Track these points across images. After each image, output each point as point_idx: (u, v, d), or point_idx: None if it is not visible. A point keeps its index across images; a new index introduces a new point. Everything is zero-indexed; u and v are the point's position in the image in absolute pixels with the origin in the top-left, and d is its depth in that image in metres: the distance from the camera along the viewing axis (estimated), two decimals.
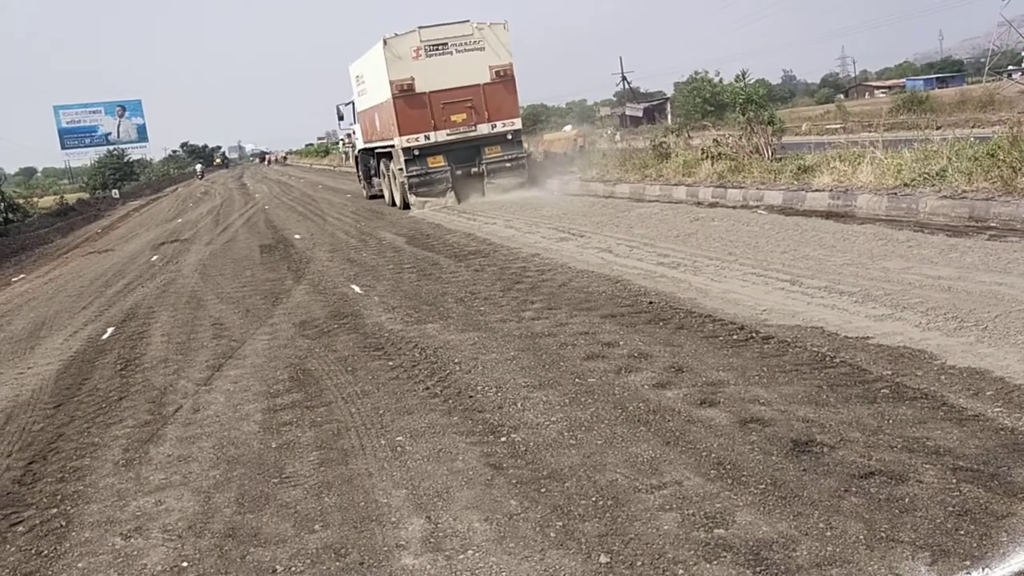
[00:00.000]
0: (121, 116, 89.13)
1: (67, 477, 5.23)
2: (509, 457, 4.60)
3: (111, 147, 76.21)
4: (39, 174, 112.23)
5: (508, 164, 20.16)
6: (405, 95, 19.29)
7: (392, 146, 20.50)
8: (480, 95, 19.61)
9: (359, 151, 27.43)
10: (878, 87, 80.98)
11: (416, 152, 19.56)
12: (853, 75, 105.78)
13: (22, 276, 18.62)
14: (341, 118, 28.69)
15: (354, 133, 28.11)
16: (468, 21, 19.69)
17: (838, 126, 29.98)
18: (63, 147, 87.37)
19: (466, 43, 19.53)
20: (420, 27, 19.37)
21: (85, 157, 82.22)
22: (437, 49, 19.34)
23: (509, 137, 20.10)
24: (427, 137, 19.51)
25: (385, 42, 19.34)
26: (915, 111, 31.45)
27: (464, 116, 19.62)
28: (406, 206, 20.33)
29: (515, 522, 3.87)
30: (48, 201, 45.54)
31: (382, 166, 23.04)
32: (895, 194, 10.75)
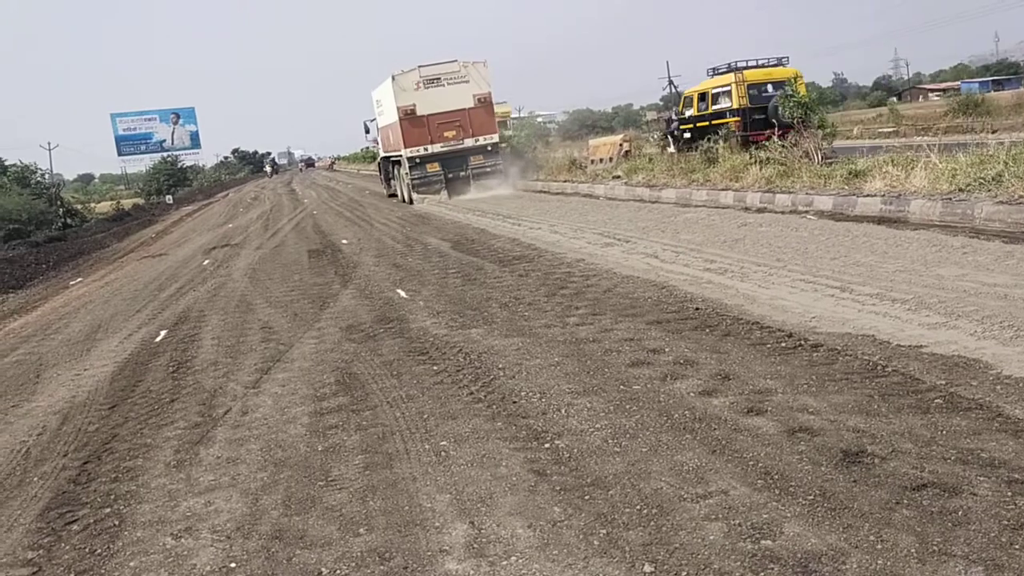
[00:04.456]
0: (175, 123, 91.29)
1: (120, 477, 5.35)
2: (553, 464, 4.59)
3: (165, 154, 78.03)
4: (96, 180, 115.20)
5: (488, 169, 26.01)
6: (409, 117, 25.25)
7: (400, 156, 26.42)
8: (466, 117, 25.51)
9: (380, 159, 33.85)
10: (932, 90, 79.26)
11: (417, 160, 25.56)
12: (906, 77, 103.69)
13: (79, 280, 19.12)
14: (367, 132, 34.73)
15: (377, 144, 34.18)
16: (456, 60, 25.57)
17: (891, 130, 29.43)
18: (119, 154, 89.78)
19: (455, 77, 25.45)
20: (420, 66, 25.34)
21: (140, 164, 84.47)
22: (433, 82, 25.33)
23: (489, 148, 26.01)
24: (426, 149, 25.49)
25: (393, 78, 25.45)
26: (970, 114, 30.76)
27: (454, 133, 25.51)
28: (411, 201, 26.05)
29: (559, 529, 3.86)
30: (105, 206, 46.81)
31: (394, 171, 29.23)
32: (949, 199, 10.51)
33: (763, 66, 21.39)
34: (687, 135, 23.31)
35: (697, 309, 7.58)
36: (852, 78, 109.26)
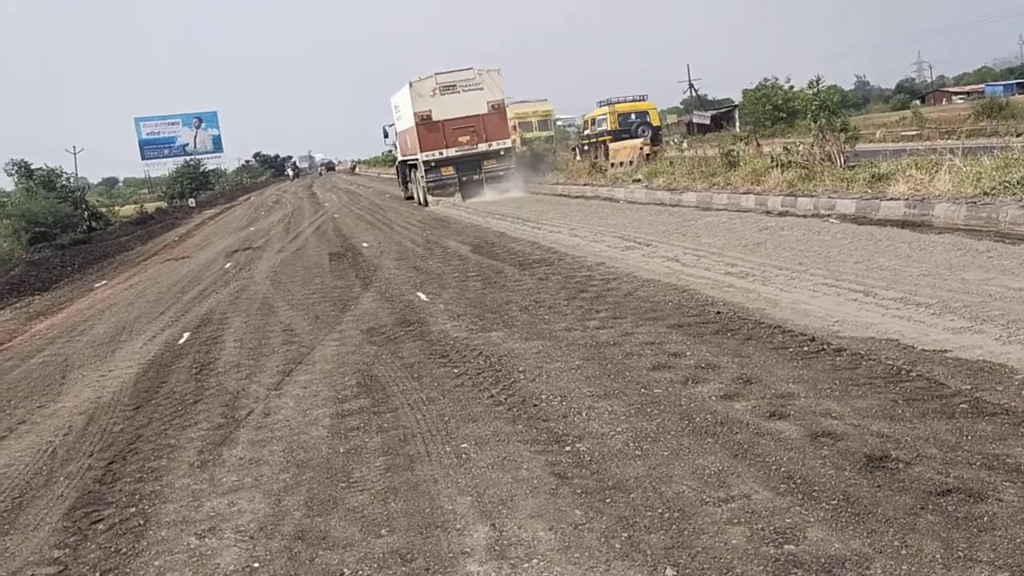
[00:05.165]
0: (198, 127, 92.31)
1: (145, 477, 5.40)
2: (574, 467, 4.59)
3: (188, 157, 78.82)
4: (120, 184, 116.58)
5: (501, 173, 26.93)
6: (425, 123, 26.15)
7: (416, 159, 27.40)
8: (480, 122, 26.38)
9: (398, 162, 35.41)
10: (956, 93, 78.46)
11: (433, 164, 26.47)
12: (930, 80, 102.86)
13: (104, 282, 19.33)
14: (386, 136, 36.14)
15: (396, 148, 35.63)
16: (471, 68, 26.42)
17: (914, 133, 29.17)
18: (143, 158, 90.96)
19: (470, 85, 26.30)
20: (436, 73, 26.32)
21: (164, 167, 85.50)
22: (448, 89, 26.21)
23: (502, 153, 26.92)
24: (441, 153, 26.36)
25: (411, 84, 26.43)
26: (995, 117, 30.43)
27: (468, 138, 26.40)
28: (426, 203, 27.11)
29: (580, 532, 3.86)
30: (129, 210, 47.32)
31: (411, 174, 30.26)
32: (974, 203, 10.41)
33: (629, 101, 30.76)
34: (585, 147, 30.86)
35: (718, 313, 7.55)
36: (875, 81, 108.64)
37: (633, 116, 30.11)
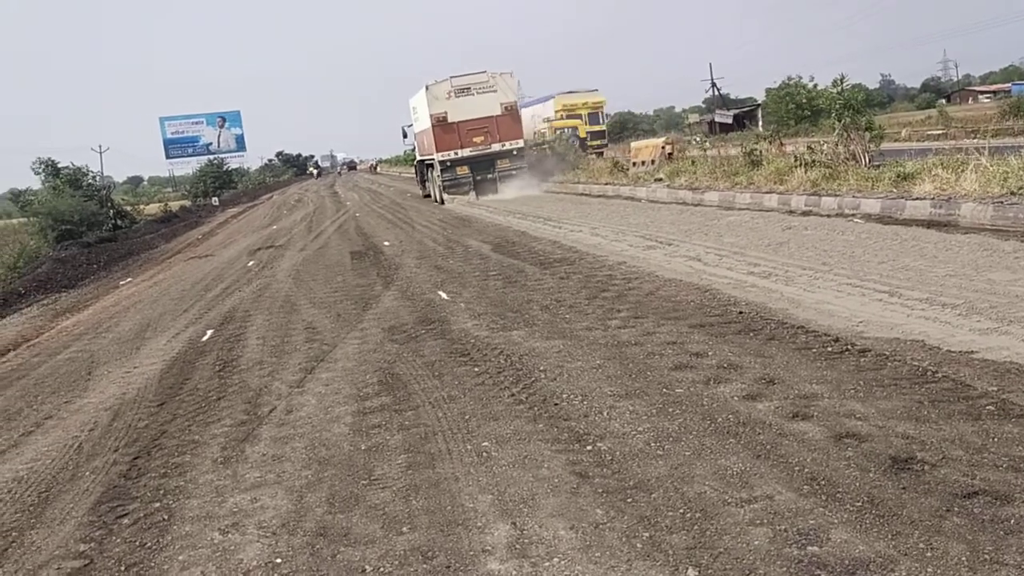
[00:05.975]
0: (221, 127, 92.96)
1: (169, 473, 5.46)
2: (595, 466, 4.59)
3: (211, 156, 79.38)
4: (145, 183, 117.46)
5: (514, 172, 27.87)
6: (441, 124, 27.15)
7: (433, 159, 28.44)
8: (494, 123, 27.33)
9: (417, 162, 36.46)
10: (982, 92, 77.58)
11: (448, 163, 27.49)
12: (956, 79, 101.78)
13: (129, 280, 19.51)
14: (405, 136, 37.62)
15: (414, 148, 36.63)
16: (485, 71, 27.47)
17: (940, 132, 28.86)
18: (167, 156, 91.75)
19: (484, 87, 27.29)
20: (451, 76, 27.39)
21: (187, 166, 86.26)
22: (463, 92, 27.18)
23: (515, 153, 27.86)
24: (456, 153, 27.36)
25: (427, 88, 27.49)
26: (1021, 117, 30.06)
27: (482, 138, 27.36)
28: (443, 202, 28.19)
29: (601, 531, 3.85)
30: (153, 208, 47.64)
31: (428, 173, 31.40)
32: (1001, 203, 10.28)
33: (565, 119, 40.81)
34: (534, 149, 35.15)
35: (741, 313, 7.51)
36: (900, 80, 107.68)
37: (567, 129, 38.38)
